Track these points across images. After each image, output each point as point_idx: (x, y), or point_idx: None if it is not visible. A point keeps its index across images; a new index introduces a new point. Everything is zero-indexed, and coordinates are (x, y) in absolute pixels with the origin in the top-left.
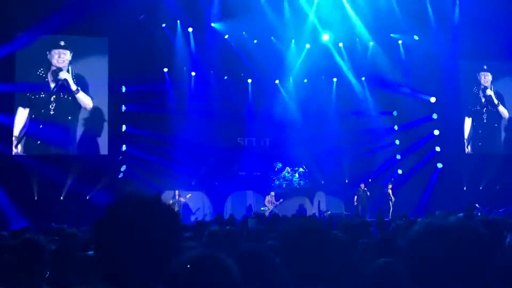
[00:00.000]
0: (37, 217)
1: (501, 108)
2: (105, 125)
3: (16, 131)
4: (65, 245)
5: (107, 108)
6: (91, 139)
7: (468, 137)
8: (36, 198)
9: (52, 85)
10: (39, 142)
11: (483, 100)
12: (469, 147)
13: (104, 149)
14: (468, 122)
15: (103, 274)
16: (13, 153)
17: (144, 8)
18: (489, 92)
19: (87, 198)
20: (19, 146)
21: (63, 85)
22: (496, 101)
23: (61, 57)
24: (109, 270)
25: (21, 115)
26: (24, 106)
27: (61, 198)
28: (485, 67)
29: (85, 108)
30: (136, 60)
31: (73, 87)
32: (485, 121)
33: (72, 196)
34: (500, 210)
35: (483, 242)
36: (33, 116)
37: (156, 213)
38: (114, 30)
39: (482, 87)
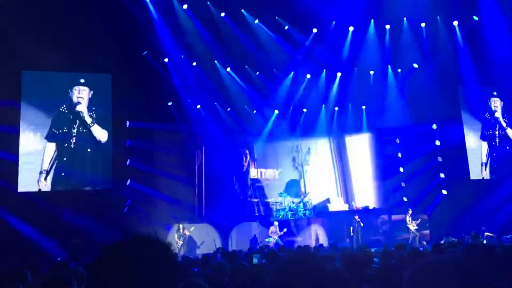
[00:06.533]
0: (39, 252)
1: (509, 131)
2: (110, 159)
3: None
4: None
5: (111, 142)
6: (96, 175)
7: (486, 161)
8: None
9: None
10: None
11: (494, 124)
12: (487, 169)
13: (108, 184)
14: (484, 146)
15: None
16: (19, 190)
17: (147, 44)
18: (498, 114)
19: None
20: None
21: (79, 117)
22: (504, 124)
23: (81, 93)
24: None
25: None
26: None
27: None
28: (494, 93)
29: (100, 141)
30: (140, 95)
31: (88, 120)
32: (497, 144)
33: (76, 231)
34: (508, 237)
35: (474, 276)
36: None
37: (150, 255)
38: (117, 66)
39: (493, 111)
